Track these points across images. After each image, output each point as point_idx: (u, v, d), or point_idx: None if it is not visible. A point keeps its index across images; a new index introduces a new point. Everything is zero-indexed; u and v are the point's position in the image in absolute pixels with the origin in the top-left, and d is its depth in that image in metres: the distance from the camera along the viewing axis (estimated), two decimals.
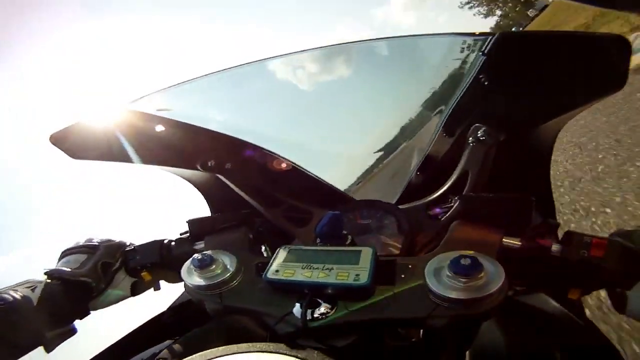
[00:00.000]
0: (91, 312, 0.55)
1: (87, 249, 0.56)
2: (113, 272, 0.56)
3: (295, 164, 0.79)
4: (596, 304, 1.39)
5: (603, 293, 0.50)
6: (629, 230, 0.42)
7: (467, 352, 0.47)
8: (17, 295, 0.45)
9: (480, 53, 0.54)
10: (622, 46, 0.42)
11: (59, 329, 0.49)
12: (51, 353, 0.47)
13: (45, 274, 0.51)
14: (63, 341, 0.50)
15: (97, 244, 0.58)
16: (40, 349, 0.46)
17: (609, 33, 0.44)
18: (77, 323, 0.52)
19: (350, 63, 0.87)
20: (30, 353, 0.44)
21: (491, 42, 0.52)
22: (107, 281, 0.54)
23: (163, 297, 0.64)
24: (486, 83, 0.56)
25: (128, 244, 0.62)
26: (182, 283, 0.47)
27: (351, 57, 0.81)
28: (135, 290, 0.60)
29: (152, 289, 0.63)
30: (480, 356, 0.46)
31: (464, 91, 0.58)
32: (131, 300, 0.60)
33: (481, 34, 0.53)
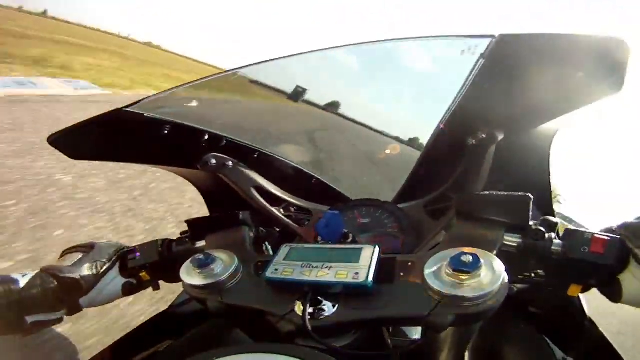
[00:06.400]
0: (84, 309, 0.56)
1: (84, 248, 0.58)
2: (104, 271, 0.56)
3: (294, 163, 0.79)
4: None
5: None
6: (630, 225, 0.41)
7: (468, 350, 0.47)
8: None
9: (480, 54, 0.54)
10: (621, 48, 0.43)
11: (43, 317, 0.50)
12: None
13: (41, 269, 0.52)
14: (45, 327, 0.51)
15: (93, 244, 0.59)
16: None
17: (608, 35, 0.45)
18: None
19: (349, 65, 0.87)
20: None
21: (491, 44, 0.52)
22: (97, 279, 0.55)
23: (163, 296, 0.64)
24: (486, 84, 0.56)
25: (125, 245, 0.62)
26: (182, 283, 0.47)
27: (350, 59, 0.82)
28: (133, 291, 0.60)
29: (151, 288, 0.63)
30: (480, 354, 0.46)
31: (464, 92, 0.58)
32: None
33: (481, 36, 0.54)
